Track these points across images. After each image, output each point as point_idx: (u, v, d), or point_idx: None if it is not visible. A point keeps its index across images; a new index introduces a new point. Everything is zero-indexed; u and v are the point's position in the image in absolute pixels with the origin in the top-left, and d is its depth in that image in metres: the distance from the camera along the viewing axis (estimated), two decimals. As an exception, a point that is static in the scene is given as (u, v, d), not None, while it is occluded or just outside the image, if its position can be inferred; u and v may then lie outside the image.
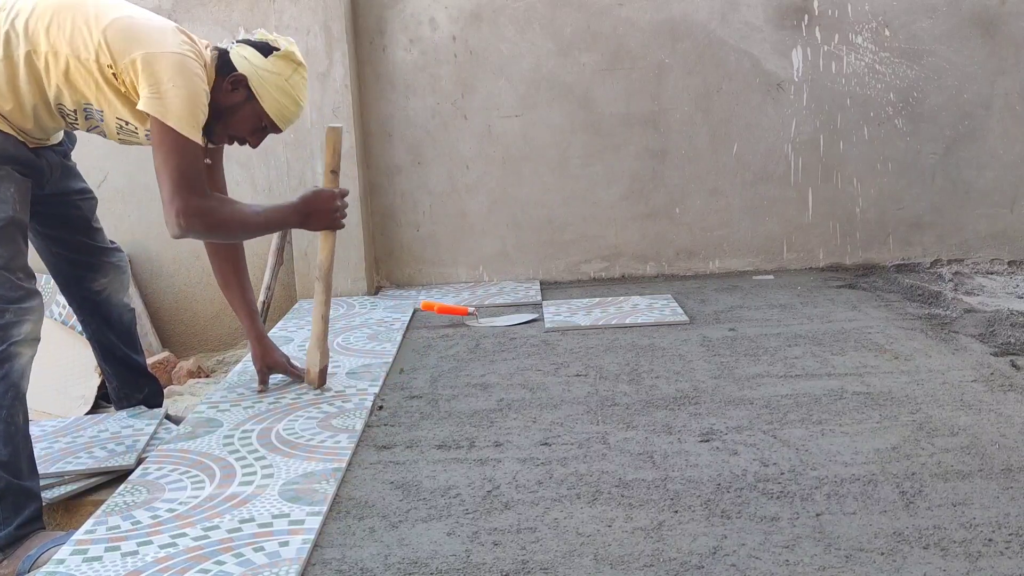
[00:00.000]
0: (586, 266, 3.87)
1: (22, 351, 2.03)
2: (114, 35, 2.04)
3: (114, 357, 2.58)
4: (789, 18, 3.69)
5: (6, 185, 2.05)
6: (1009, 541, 1.59)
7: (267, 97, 2.23)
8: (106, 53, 2.04)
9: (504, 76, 3.73)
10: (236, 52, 2.24)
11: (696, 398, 2.38)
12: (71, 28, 2.04)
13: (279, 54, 2.24)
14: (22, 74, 2.04)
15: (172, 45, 2.09)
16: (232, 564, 1.63)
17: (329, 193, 2.40)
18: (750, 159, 3.78)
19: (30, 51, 2.03)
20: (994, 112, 3.73)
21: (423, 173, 3.79)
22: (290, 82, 2.25)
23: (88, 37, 2.04)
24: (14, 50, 2.03)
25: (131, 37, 2.05)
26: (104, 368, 2.63)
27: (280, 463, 2.06)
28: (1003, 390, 2.33)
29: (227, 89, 2.21)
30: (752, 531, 1.67)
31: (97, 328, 2.53)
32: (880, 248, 3.84)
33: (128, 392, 2.63)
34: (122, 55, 2.04)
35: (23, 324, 2.03)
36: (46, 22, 2.03)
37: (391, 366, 2.76)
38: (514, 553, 1.64)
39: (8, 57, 2.04)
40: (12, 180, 2.07)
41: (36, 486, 2.04)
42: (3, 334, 2.01)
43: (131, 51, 2.04)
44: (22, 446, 2.01)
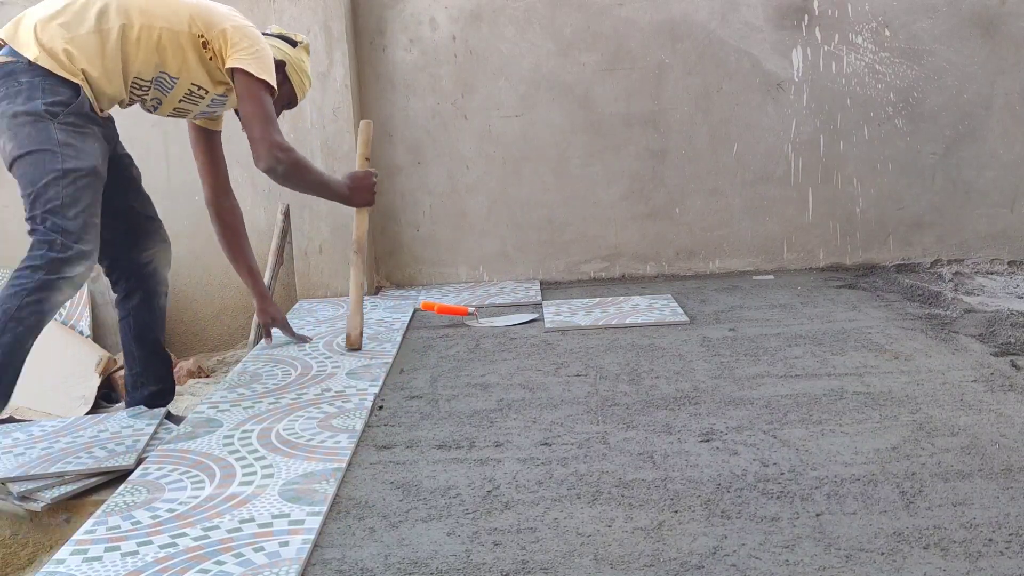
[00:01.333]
0: (586, 266, 3.87)
1: (65, 289, 2.23)
2: (201, 12, 2.43)
3: (145, 340, 2.63)
4: (789, 18, 3.69)
5: (92, 141, 2.31)
6: (1009, 541, 1.59)
7: (295, 79, 2.71)
8: (198, 25, 2.41)
9: (504, 76, 3.73)
10: (270, 42, 2.62)
11: (696, 398, 2.37)
12: (163, 6, 2.39)
13: (301, 45, 2.74)
14: (111, 45, 2.33)
15: (244, 20, 2.51)
16: (232, 564, 1.63)
17: (366, 173, 2.85)
18: (750, 159, 3.78)
19: (124, 24, 2.33)
20: (994, 112, 3.74)
21: (423, 173, 3.79)
22: (307, 65, 2.76)
23: (180, 13, 2.40)
24: (109, 23, 2.32)
25: (216, 13, 2.46)
26: (130, 350, 2.64)
27: (280, 463, 2.06)
28: (1003, 390, 2.33)
29: None
30: (752, 531, 1.67)
31: (138, 304, 2.61)
32: (880, 248, 3.84)
33: (146, 380, 2.64)
34: (211, 27, 2.42)
35: (79, 265, 2.23)
36: (138, 3, 2.37)
37: (391, 366, 2.76)
38: (514, 553, 1.63)
39: (100, 30, 2.32)
40: (97, 139, 2.34)
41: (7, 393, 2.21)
42: (60, 266, 2.20)
43: (220, 23, 2.44)
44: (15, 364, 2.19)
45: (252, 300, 3.07)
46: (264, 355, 2.93)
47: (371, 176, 2.84)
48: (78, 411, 3.22)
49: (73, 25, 2.30)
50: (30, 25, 2.30)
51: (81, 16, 2.31)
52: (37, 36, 2.28)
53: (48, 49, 2.27)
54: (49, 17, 2.30)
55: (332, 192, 2.79)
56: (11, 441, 2.45)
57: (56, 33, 2.28)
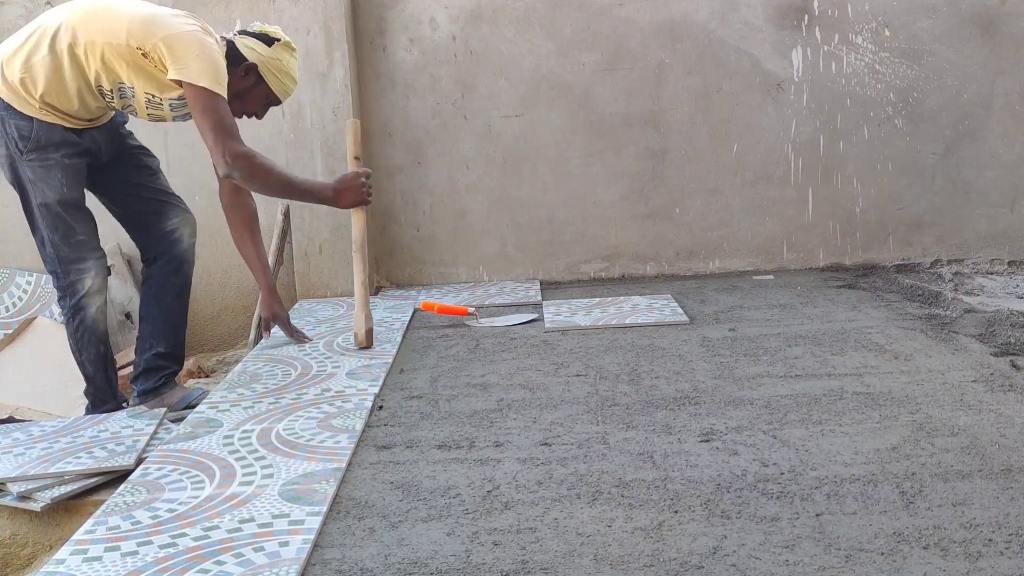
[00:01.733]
0: (586, 266, 3.87)
1: (90, 302, 2.61)
2: (139, 23, 2.47)
3: (162, 301, 2.79)
4: (789, 18, 3.69)
5: (54, 172, 2.53)
6: (1009, 541, 1.59)
7: (273, 80, 2.70)
8: (135, 37, 2.46)
9: (504, 76, 3.73)
10: (242, 43, 2.65)
11: (696, 398, 2.37)
12: (104, 22, 2.48)
13: (280, 44, 2.69)
14: (66, 63, 2.47)
15: (185, 26, 2.51)
16: (232, 564, 1.63)
17: (354, 174, 2.82)
18: (750, 159, 3.78)
19: (71, 43, 2.46)
20: (994, 112, 3.74)
21: (423, 173, 3.79)
22: (288, 65, 2.72)
23: (118, 28, 2.46)
24: (59, 44, 2.46)
25: (153, 23, 2.48)
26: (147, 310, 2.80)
27: (280, 463, 2.06)
28: (1003, 390, 2.33)
29: (240, 75, 2.64)
30: (752, 531, 1.67)
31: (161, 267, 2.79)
32: (880, 248, 3.84)
33: (154, 342, 2.77)
34: (148, 37, 2.46)
35: (84, 281, 2.59)
36: (82, 20, 2.48)
37: (391, 366, 2.76)
38: (514, 553, 1.63)
39: (53, 51, 2.46)
40: (60, 167, 2.53)
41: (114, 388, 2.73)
42: (71, 290, 2.60)
43: (156, 34, 2.46)
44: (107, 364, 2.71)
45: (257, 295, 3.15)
46: (264, 355, 2.93)
47: (359, 176, 2.81)
48: (78, 411, 3.21)
49: (31, 54, 2.48)
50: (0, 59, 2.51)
51: (38, 43, 2.48)
52: (2, 71, 2.49)
53: (10, 84, 2.48)
54: (13, 51, 2.50)
55: (311, 195, 2.84)
56: (11, 441, 2.45)
57: (16, 66, 2.48)
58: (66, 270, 2.59)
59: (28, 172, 2.53)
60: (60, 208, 2.55)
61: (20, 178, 2.56)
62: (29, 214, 2.60)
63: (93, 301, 2.62)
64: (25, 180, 2.54)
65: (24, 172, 2.53)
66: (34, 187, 2.54)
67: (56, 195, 2.54)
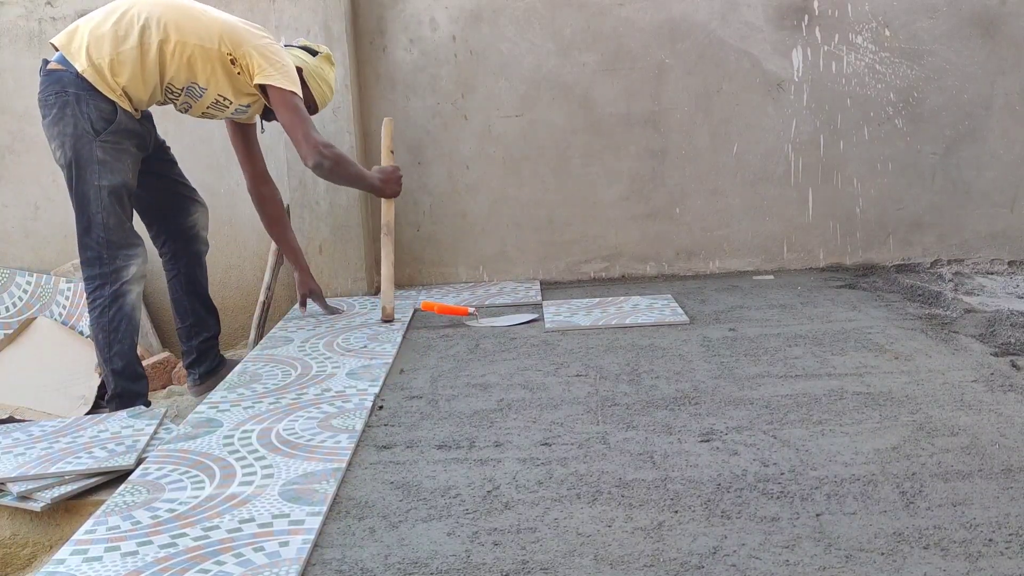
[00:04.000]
0: (586, 266, 3.87)
1: (131, 288, 2.72)
2: (230, 32, 2.73)
3: (196, 293, 3.09)
4: (789, 18, 3.69)
5: (125, 157, 2.70)
6: (1009, 541, 1.59)
7: (315, 87, 3.00)
8: (227, 44, 2.71)
9: (504, 76, 3.73)
10: (291, 53, 2.95)
11: (696, 398, 2.37)
12: (196, 25, 2.70)
13: (322, 56, 3.04)
14: (152, 58, 2.66)
15: (267, 37, 2.82)
16: (232, 564, 1.63)
17: (394, 168, 3.22)
18: (750, 159, 3.78)
19: (162, 40, 2.65)
20: (994, 112, 3.73)
21: (423, 173, 3.79)
22: (328, 75, 3.05)
23: (212, 33, 2.71)
24: (148, 38, 2.64)
25: (243, 33, 2.75)
26: (183, 304, 3.08)
27: (280, 463, 2.06)
28: (1003, 390, 2.33)
29: None
30: (752, 531, 1.67)
31: (187, 264, 3.06)
32: (880, 248, 3.84)
33: (200, 329, 3.10)
34: (239, 46, 2.73)
35: (130, 267, 2.71)
36: (175, 19, 2.67)
37: (391, 366, 2.76)
38: (514, 553, 1.63)
39: (142, 44, 2.64)
40: (129, 154, 2.72)
41: (143, 386, 2.81)
42: (115, 275, 2.69)
43: (247, 43, 2.74)
44: (133, 357, 2.76)
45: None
46: (264, 355, 2.93)
47: (398, 171, 3.21)
48: (78, 411, 3.22)
49: (119, 41, 2.63)
50: (83, 36, 2.63)
51: (127, 32, 2.63)
52: (88, 50, 2.61)
53: (95, 64, 2.61)
54: (100, 33, 2.62)
55: (368, 184, 3.14)
56: (11, 441, 2.45)
57: (104, 49, 2.61)
58: (113, 255, 2.67)
59: (99, 153, 2.62)
60: (123, 191, 2.69)
61: (86, 158, 2.62)
62: (84, 196, 2.64)
63: (135, 288, 2.73)
64: (93, 160, 2.62)
65: (94, 152, 2.62)
66: (102, 167, 2.63)
67: (121, 180, 2.68)
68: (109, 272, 2.67)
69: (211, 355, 3.14)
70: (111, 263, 2.67)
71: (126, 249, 2.69)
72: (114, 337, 2.70)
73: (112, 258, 2.67)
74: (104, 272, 2.67)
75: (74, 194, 2.67)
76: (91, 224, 2.65)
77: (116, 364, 2.72)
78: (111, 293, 2.68)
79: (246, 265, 3.82)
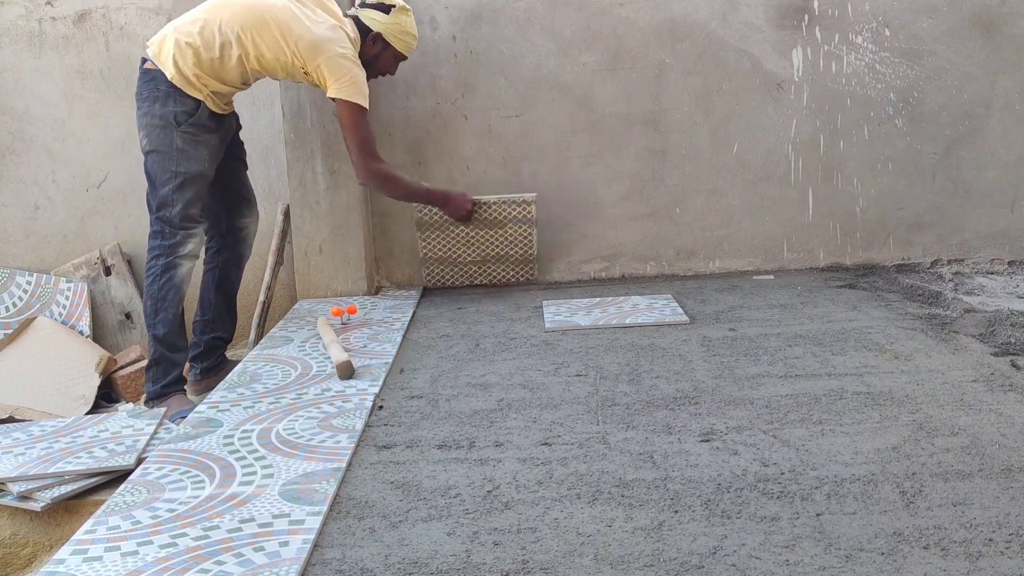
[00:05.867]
0: (586, 266, 3.87)
1: (184, 263, 2.94)
2: (303, 48, 2.92)
3: (224, 292, 3.25)
4: (789, 18, 3.69)
5: (203, 149, 2.93)
6: (1009, 541, 1.59)
7: (397, 42, 3.17)
8: (300, 58, 2.94)
9: (504, 76, 3.73)
10: (365, 15, 3.12)
11: (696, 398, 2.38)
12: (273, 39, 2.91)
13: (396, 9, 3.13)
14: (232, 65, 2.91)
15: (339, 47, 2.97)
16: (232, 564, 1.63)
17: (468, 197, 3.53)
18: (750, 159, 3.78)
19: (241, 54, 2.90)
20: (994, 112, 3.73)
21: (423, 173, 3.79)
22: (406, 25, 3.17)
23: (286, 47, 2.92)
24: (231, 52, 2.89)
25: (314, 47, 2.93)
26: (209, 298, 3.23)
27: (280, 463, 2.06)
28: (1003, 390, 2.33)
29: (370, 44, 3.13)
30: (752, 531, 1.67)
31: (227, 260, 3.23)
32: (880, 248, 3.84)
33: (215, 327, 3.24)
34: (311, 60, 2.94)
35: (188, 244, 2.94)
36: (254, 38, 2.90)
37: (391, 366, 2.76)
38: (514, 553, 1.64)
39: (223, 56, 2.89)
40: (208, 146, 2.94)
41: (182, 358, 2.98)
42: (172, 249, 2.90)
43: (316, 58, 2.94)
44: (176, 328, 2.94)
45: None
46: (264, 355, 2.93)
47: (471, 201, 3.52)
48: (78, 411, 3.22)
49: (202, 52, 2.86)
50: (171, 46, 2.87)
51: (209, 45, 2.87)
52: (175, 59, 2.86)
53: (182, 73, 2.86)
54: (186, 43, 2.86)
55: (430, 198, 3.44)
56: (11, 441, 2.45)
57: (189, 61, 2.86)
58: (174, 232, 2.89)
59: (179, 141, 2.87)
60: (197, 179, 2.92)
61: (167, 145, 2.86)
62: (160, 178, 2.88)
63: (187, 262, 2.95)
64: (173, 148, 2.86)
65: (175, 141, 2.86)
66: (181, 155, 2.87)
67: (199, 168, 2.92)
68: (168, 245, 2.89)
69: (216, 353, 3.25)
70: (171, 237, 2.89)
71: (188, 229, 2.91)
72: (160, 304, 2.89)
73: (174, 233, 2.89)
74: (163, 244, 2.89)
75: (150, 177, 2.90)
76: (160, 203, 2.88)
77: (159, 330, 2.90)
78: (164, 264, 2.89)
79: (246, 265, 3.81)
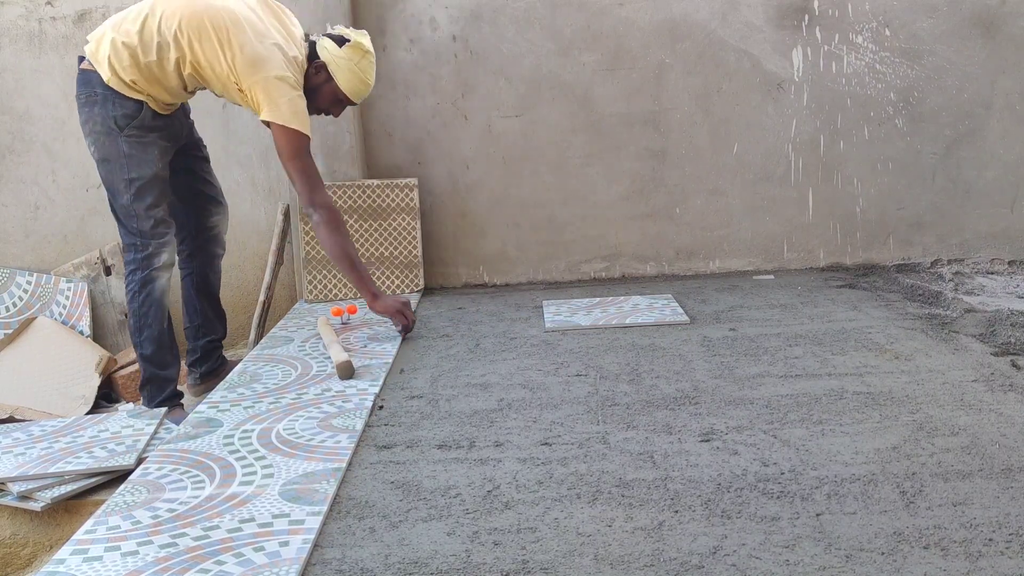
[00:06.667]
0: (586, 266, 3.87)
1: (160, 275, 2.78)
2: (240, 63, 2.67)
3: (207, 294, 3.13)
4: (789, 18, 3.69)
5: (152, 150, 2.75)
6: (1009, 541, 1.59)
7: (342, 78, 2.86)
8: (236, 74, 2.69)
9: (504, 76, 3.73)
10: (320, 44, 2.87)
11: (696, 398, 2.37)
12: (211, 50, 2.67)
13: (350, 44, 2.85)
14: (170, 70, 2.70)
15: (279, 68, 2.70)
16: (232, 564, 1.63)
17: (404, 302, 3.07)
18: (750, 159, 3.78)
19: (179, 58, 2.68)
20: (994, 112, 3.73)
21: (423, 173, 3.79)
22: (359, 66, 2.86)
23: (223, 59, 2.68)
24: (168, 55, 2.67)
25: (252, 64, 2.67)
26: (193, 303, 3.13)
27: (280, 463, 2.06)
28: (1003, 390, 2.33)
29: (313, 73, 2.86)
30: (752, 531, 1.67)
31: (202, 263, 3.10)
32: (880, 248, 3.84)
33: (207, 330, 3.14)
34: (246, 77, 2.68)
35: (162, 254, 2.78)
36: (191, 40, 2.66)
37: (391, 366, 2.76)
38: (514, 553, 1.64)
39: (160, 60, 2.67)
40: (156, 145, 2.76)
41: (173, 373, 2.84)
42: (146, 262, 2.76)
43: (253, 76, 2.67)
44: (164, 343, 2.81)
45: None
46: (264, 355, 2.93)
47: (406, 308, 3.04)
48: (78, 411, 3.22)
49: (140, 54, 2.66)
50: (107, 46, 2.68)
51: (147, 46, 2.66)
52: (111, 61, 2.66)
53: (119, 76, 2.67)
54: (123, 43, 2.66)
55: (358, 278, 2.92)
56: (11, 441, 2.45)
57: (125, 62, 2.66)
58: (147, 243, 2.75)
59: (125, 147, 2.71)
60: (153, 183, 2.74)
61: (114, 152, 2.70)
62: (116, 189, 2.74)
63: (164, 273, 2.79)
64: (120, 155, 2.71)
65: (121, 147, 2.70)
66: (129, 161, 2.71)
67: (151, 170, 2.74)
68: (142, 258, 2.76)
69: (214, 356, 3.17)
70: (144, 249, 2.75)
71: (158, 237, 2.76)
72: (143, 322, 2.78)
73: (146, 245, 2.75)
74: (138, 258, 2.76)
75: (107, 187, 2.77)
76: (125, 215, 2.75)
77: (146, 349, 2.79)
78: (141, 279, 2.76)
79: (246, 265, 3.81)
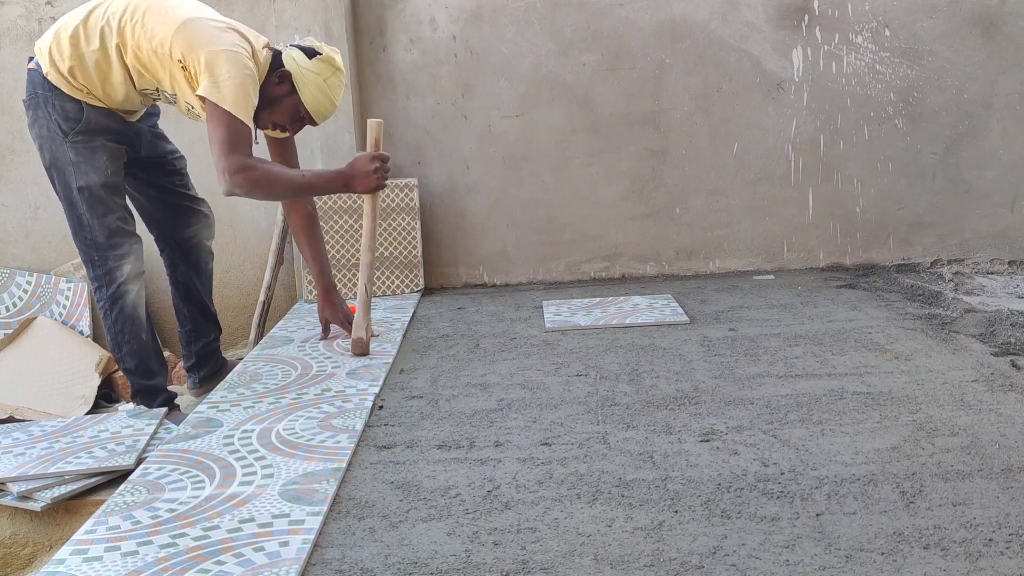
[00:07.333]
0: (586, 266, 3.87)
1: (129, 289, 2.62)
2: (184, 35, 2.41)
3: (194, 300, 3.01)
4: (789, 18, 3.69)
5: (99, 155, 2.55)
6: (1009, 541, 1.59)
7: (307, 92, 2.60)
8: (177, 50, 2.41)
9: (504, 76, 3.73)
10: (287, 53, 2.61)
11: (696, 398, 2.37)
12: (152, 27, 2.43)
13: (320, 58, 2.60)
14: (114, 61, 2.47)
15: (229, 43, 2.44)
16: (232, 564, 1.63)
17: (368, 156, 2.68)
18: (750, 159, 3.78)
19: (119, 43, 2.46)
20: (994, 112, 3.73)
21: (423, 173, 3.79)
22: (328, 83, 2.61)
23: (164, 35, 2.42)
24: (108, 42, 2.46)
25: (197, 36, 2.41)
26: (181, 311, 3.03)
27: (280, 463, 2.06)
28: (1003, 390, 2.33)
29: (274, 82, 2.58)
30: (752, 531, 1.67)
31: (185, 272, 2.97)
32: (880, 248, 3.84)
33: (198, 335, 3.04)
34: (190, 51, 2.41)
35: (123, 266, 2.60)
36: (133, 21, 2.44)
37: (391, 366, 2.76)
38: (514, 553, 1.63)
39: (103, 48, 2.46)
40: (105, 150, 2.55)
41: (161, 381, 2.76)
42: (109, 278, 2.59)
43: (197, 48, 2.40)
44: (146, 353, 2.70)
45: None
46: (264, 355, 2.93)
47: (373, 160, 2.66)
48: (78, 411, 3.21)
49: (81, 42, 2.47)
50: (49, 38, 2.51)
51: (90, 34, 2.47)
52: (51, 52, 2.49)
53: (56, 67, 2.49)
54: (66, 35, 2.48)
55: (326, 186, 2.73)
56: (11, 441, 2.45)
57: (65, 52, 2.47)
58: (104, 257, 2.58)
59: (71, 154, 2.52)
60: (103, 191, 2.55)
61: (61, 160, 2.53)
62: (67, 198, 2.57)
63: (132, 287, 2.63)
64: (67, 162, 2.53)
65: (67, 154, 2.52)
66: (76, 169, 2.53)
67: (100, 178, 2.55)
68: (103, 274, 2.60)
69: (211, 360, 3.07)
70: (103, 265, 2.59)
71: (115, 249, 2.58)
72: (121, 338, 2.67)
73: (103, 259, 2.59)
74: (99, 274, 2.61)
75: (60, 197, 2.60)
76: (77, 226, 2.58)
77: (128, 364, 2.71)
78: (109, 296, 2.62)
79: (246, 265, 3.81)
